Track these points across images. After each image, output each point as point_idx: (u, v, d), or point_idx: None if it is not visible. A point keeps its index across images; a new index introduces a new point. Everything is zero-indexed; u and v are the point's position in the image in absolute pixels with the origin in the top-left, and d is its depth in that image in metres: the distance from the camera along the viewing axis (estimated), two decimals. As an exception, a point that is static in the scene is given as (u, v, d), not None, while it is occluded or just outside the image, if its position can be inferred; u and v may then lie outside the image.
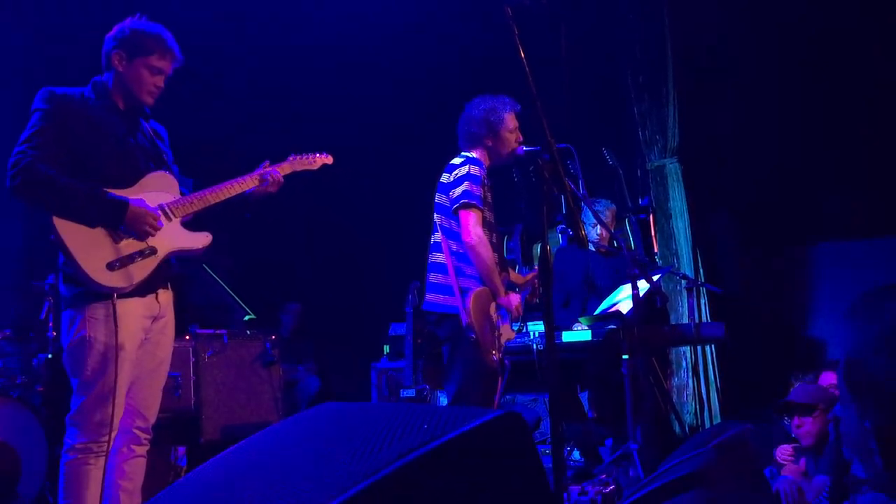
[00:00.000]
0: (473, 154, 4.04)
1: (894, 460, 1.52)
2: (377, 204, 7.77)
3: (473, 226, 3.79)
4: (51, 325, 5.00)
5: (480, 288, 3.80)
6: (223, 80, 6.90)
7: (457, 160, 4.01)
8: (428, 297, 3.97)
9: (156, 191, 3.14)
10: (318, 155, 3.69)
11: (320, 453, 1.36)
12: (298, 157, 3.61)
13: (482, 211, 3.86)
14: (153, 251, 3.04)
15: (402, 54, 7.07)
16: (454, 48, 7.08)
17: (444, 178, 4.00)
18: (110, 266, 2.92)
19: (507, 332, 3.93)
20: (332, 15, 6.86)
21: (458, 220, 3.85)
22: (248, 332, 5.57)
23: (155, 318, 3.16)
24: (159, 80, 3.16)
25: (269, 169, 3.37)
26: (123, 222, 2.95)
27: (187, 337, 5.13)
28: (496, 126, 4.01)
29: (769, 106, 6.18)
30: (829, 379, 4.40)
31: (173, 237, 3.13)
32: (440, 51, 7.11)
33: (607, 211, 5.64)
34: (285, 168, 3.53)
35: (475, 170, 3.89)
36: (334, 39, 7.07)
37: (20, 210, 6.15)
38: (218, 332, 5.32)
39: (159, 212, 3.09)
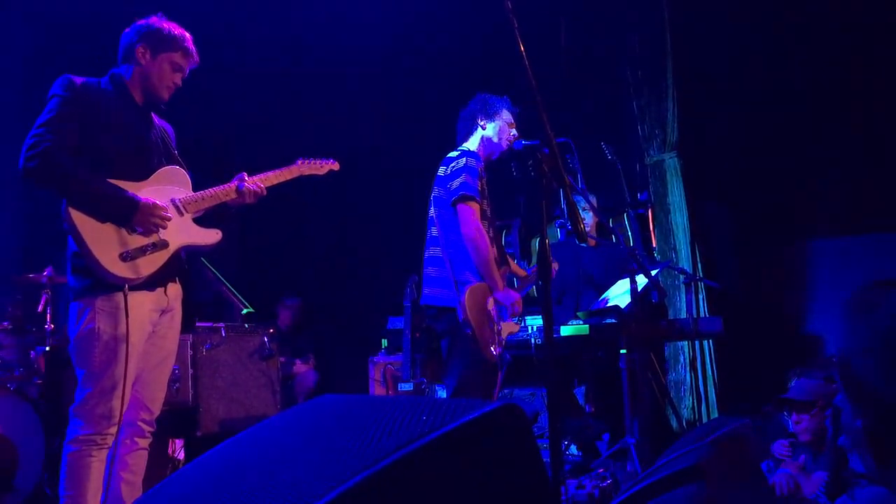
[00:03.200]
0: (470, 146, 4.04)
1: (886, 459, 1.53)
2: (376, 198, 7.77)
3: (472, 219, 3.78)
4: (48, 317, 5.00)
5: (477, 283, 3.78)
6: (229, 79, 6.89)
7: (453, 153, 4.01)
8: (426, 291, 3.96)
9: (169, 185, 3.19)
10: (325, 161, 3.75)
11: (319, 444, 1.36)
12: (306, 162, 3.66)
13: (480, 204, 3.85)
14: (165, 244, 3.08)
15: (400, 49, 7.06)
16: (453, 42, 7.07)
17: (441, 171, 3.99)
18: (123, 257, 2.94)
19: (508, 327, 3.91)
20: (334, 13, 6.84)
21: (455, 212, 3.84)
22: (247, 325, 5.56)
23: (163, 312, 3.20)
24: (178, 78, 3.23)
25: (247, 181, 3.35)
26: (133, 219, 2.98)
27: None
28: (491, 110, 4.06)
29: (768, 101, 6.18)
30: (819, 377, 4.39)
31: (185, 232, 3.17)
32: (439, 45, 7.10)
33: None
34: (293, 171, 3.59)
35: (472, 162, 3.88)
36: (335, 37, 7.05)
37: (18, 202, 6.15)
38: (216, 325, 5.31)
39: (170, 206, 3.13)
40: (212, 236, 3.27)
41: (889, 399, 1.45)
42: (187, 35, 3.24)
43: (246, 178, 3.35)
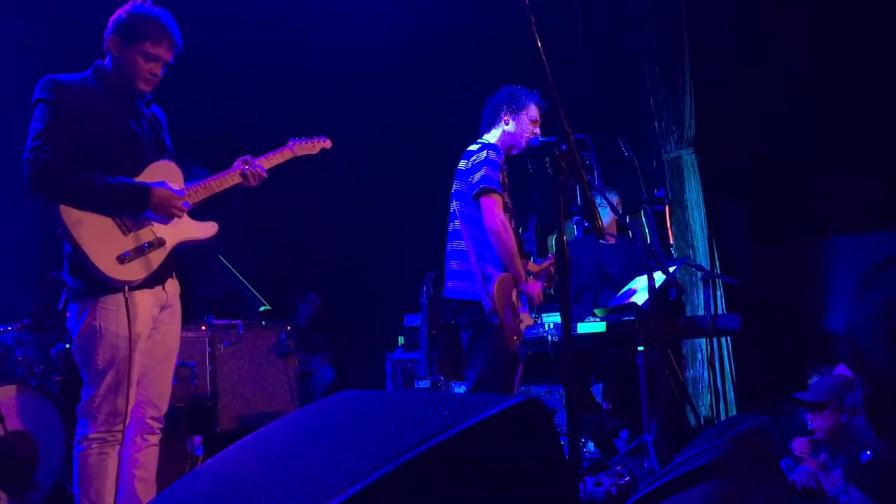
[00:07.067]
0: (491, 139, 4.03)
1: (883, 426, 1.56)
2: (392, 195, 7.77)
3: (495, 211, 3.77)
4: (68, 314, 5.03)
5: (503, 273, 3.78)
6: (230, 68, 6.87)
7: (474, 146, 3.99)
8: (449, 284, 3.95)
9: (161, 180, 3.12)
10: (317, 140, 3.69)
11: (340, 439, 1.36)
12: (298, 143, 3.61)
13: (502, 196, 3.85)
14: (161, 242, 3.06)
15: (415, 43, 7.03)
16: (469, 37, 7.05)
17: (462, 164, 3.98)
18: (121, 259, 2.92)
19: (526, 319, 3.93)
20: (350, 5, 6.82)
21: (478, 206, 3.83)
22: (264, 322, 5.59)
23: (162, 308, 3.17)
24: (155, 68, 3.09)
25: (249, 165, 3.32)
26: (148, 206, 2.97)
27: (203, 327, 5.16)
28: (517, 106, 4.02)
29: (786, 97, 6.14)
30: (842, 371, 4.37)
31: (181, 227, 3.14)
32: (455, 40, 7.08)
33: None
34: (286, 153, 3.53)
35: (493, 155, 3.87)
36: (344, 28, 7.02)
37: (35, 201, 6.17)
38: (234, 322, 5.34)
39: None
40: (208, 229, 3.24)
41: (880, 367, 1.49)
42: (164, 19, 3.07)
43: (250, 161, 3.33)
